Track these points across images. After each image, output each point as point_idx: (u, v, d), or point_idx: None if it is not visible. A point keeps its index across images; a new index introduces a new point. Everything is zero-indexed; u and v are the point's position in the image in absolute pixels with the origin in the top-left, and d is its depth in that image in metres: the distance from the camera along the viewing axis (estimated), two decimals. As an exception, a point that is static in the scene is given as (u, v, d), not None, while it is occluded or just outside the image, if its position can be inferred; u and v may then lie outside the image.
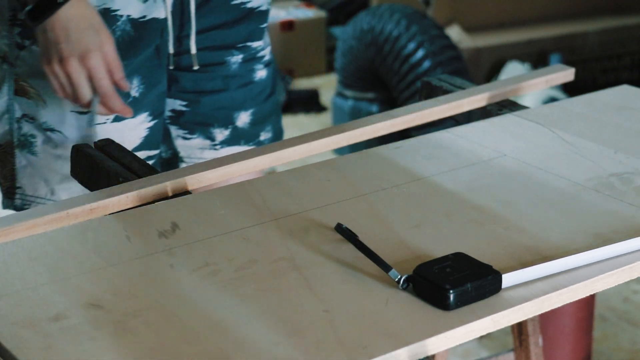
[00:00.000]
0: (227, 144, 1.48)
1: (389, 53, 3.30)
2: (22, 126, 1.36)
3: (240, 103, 1.47)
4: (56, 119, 1.34)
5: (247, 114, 1.47)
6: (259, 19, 1.44)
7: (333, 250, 0.99)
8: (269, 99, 1.51)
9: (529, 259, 0.97)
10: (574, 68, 1.51)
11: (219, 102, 1.45)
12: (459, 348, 2.39)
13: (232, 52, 1.44)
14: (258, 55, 1.47)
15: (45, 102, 1.33)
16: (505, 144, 1.25)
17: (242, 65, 1.45)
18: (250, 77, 1.47)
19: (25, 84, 1.35)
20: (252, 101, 1.48)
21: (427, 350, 0.85)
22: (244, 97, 1.47)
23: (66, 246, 0.99)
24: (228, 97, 1.45)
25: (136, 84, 1.36)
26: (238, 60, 1.44)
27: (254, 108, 1.48)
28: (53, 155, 1.35)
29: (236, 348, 0.83)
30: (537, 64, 3.80)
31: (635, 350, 2.41)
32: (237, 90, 1.46)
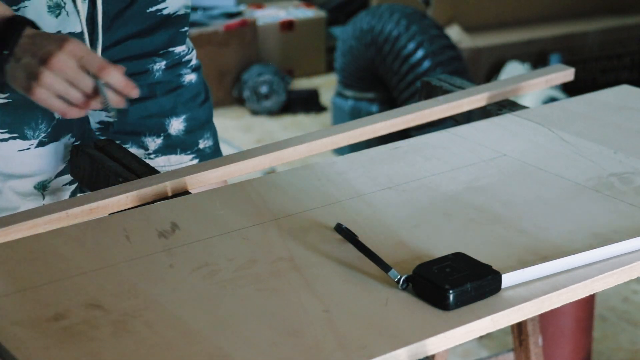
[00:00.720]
0: (162, 152, 1.42)
1: (389, 53, 3.30)
2: None
3: (170, 109, 1.42)
4: None
5: (180, 121, 1.42)
6: (178, 24, 1.40)
7: (333, 250, 0.99)
8: (204, 105, 1.46)
9: (529, 259, 0.97)
10: (574, 68, 1.51)
11: (147, 110, 1.40)
12: (459, 348, 2.39)
13: (154, 59, 1.39)
14: (183, 60, 1.43)
15: None
16: (505, 144, 1.25)
17: (167, 71, 1.41)
18: (177, 82, 1.42)
19: None
20: (184, 107, 1.43)
21: (427, 350, 0.85)
22: (174, 103, 1.42)
23: (66, 246, 0.99)
24: (156, 104, 1.41)
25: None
26: (161, 66, 1.40)
27: (187, 114, 1.43)
28: None
29: (236, 348, 0.83)
30: (537, 64, 3.80)
31: (635, 350, 2.41)
32: (165, 96, 1.41)
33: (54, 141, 1.31)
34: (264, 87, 3.93)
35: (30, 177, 1.30)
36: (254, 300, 0.90)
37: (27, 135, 1.29)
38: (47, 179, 1.32)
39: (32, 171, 1.30)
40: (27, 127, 1.28)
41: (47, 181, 1.32)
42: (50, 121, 1.29)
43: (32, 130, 1.29)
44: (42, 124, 1.29)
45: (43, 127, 1.29)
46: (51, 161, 1.32)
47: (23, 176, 1.30)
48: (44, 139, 1.30)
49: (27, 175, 1.30)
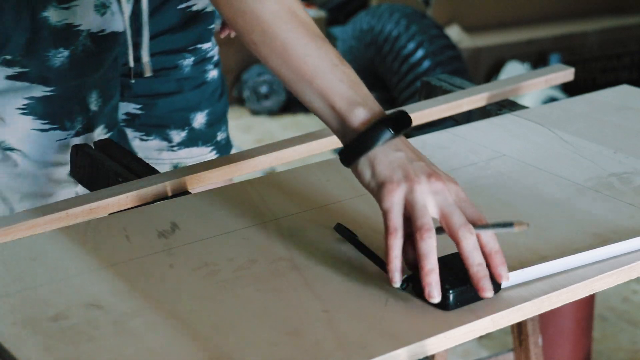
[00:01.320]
0: (185, 145, 1.47)
1: (389, 53, 3.30)
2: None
3: (196, 104, 1.46)
4: (16, 139, 1.31)
5: (203, 115, 1.47)
6: (206, 21, 1.44)
7: (333, 250, 0.99)
8: (221, 99, 1.51)
9: (529, 259, 0.97)
10: (574, 68, 1.51)
11: (174, 104, 1.45)
12: (459, 348, 2.39)
13: (183, 55, 1.43)
14: (208, 56, 1.47)
15: (4, 120, 1.30)
16: (505, 144, 1.25)
17: (194, 67, 1.45)
18: (203, 78, 1.46)
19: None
20: (207, 102, 1.48)
21: (427, 351, 0.85)
22: (199, 98, 1.47)
23: (66, 246, 0.99)
24: (183, 99, 1.45)
25: (94, 98, 1.34)
26: (190, 62, 1.44)
27: (209, 108, 1.48)
28: (12, 174, 1.33)
29: (236, 348, 0.83)
30: (536, 64, 3.80)
31: (635, 350, 2.41)
32: (192, 91, 1.46)
33: (88, 132, 1.35)
34: (264, 87, 3.93)
35: (65, 166, 1.33)
36: (254, 300, 0.90)
37: (65, 126, 1.32)
38: None
39: (67, 160, 1.33)
40: (66, 118, 1.32)
41: None
42: (86, 113, 1.33)
43: (70, 122, 1.32)
44: (80, 116, 1.33)
45: (80, 119, 1.33)
46: None
47: (59, 164, 1.33)
48: (80, 130, 1.34)
49: (62, 163, 1.33)
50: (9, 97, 1.29)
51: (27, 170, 1.32)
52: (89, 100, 1.33)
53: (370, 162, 0.94)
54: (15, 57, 1.27)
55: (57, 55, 1.27)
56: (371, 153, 0.94)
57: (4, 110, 1.30)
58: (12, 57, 1.27)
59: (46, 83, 1.29)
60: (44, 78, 1.28)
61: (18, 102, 1.29)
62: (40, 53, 1.27)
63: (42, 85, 1.29)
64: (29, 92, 1.29)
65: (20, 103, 1.29)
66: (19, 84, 1.28)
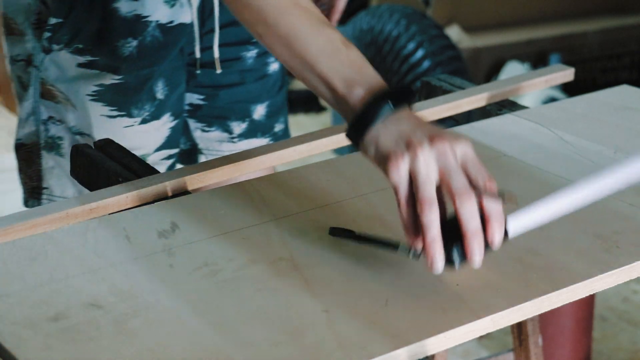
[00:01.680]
0: (245, 136, 1.51)
1: (389, 53, 3.30)
2: (49, 128, 1.38)
3: (257, 96, 1.50)
4: (85, 124, 1.35)
5: (263, 107, 1.51)
6: None
7: (333, 250, 0.99)
8: (280, 91, 1.54)
9: (529, 259, 0.97)
10: (574, 68, 1.51)
11: (236, 96, 1.48)
12: (459, 348, 2.39)
13: (247, 47, 1.47)
14: None
15: (75, 106, 1.35)
16: (505, 144, 1.25)
17: (257, 59, 1.48)
18: (264, 71, 1.50)
19: (52, 88, 1.36)
20: (267, 94, 1.51)
21: (427, 350, 0.85)
22: (260, 90, 1.50)
23: (66, 246, 0.99)
24: (244, 91, 1.48)
25: (161, 86, 1.38)
26: (253, 54, 1.48)
27: (269, 100, 1.51)
28: None
29: (236, 348, 0.83)
30: (536, 64, 3.80)
31: (635, 350, 2.41)
32: (253, 83, 1.49)
33: (155, 119, 1.39)
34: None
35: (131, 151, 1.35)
36: (254, 300, 0.90)
37: (132, 113, 1.37)
38: (146, 153, 1.41)
39: (134, 146, 1.37)
40: (133, 106, 1.36)
41: (146, 155, 1.41)
42: (153, 101, 1.38)
43: (138, 110, 1.37)
44: (147, 104, 1.37)
45: (147, 107, 1.37)
46: (151, 137, 1.40)
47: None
48: (147, 117, 1.38)
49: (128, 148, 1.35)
50: (80, 84, 1.34)
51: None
52: (156, 89, 1.38)
53: (374, 139, 0.92)
54: (87, 46, 1.32)
55: (126, 45, 1.32)
56: (373, 129, 0.93)
57: (75, 97, 1.35)
58: (83, 45, 1.32)
59: (115, 71, 1.34)
60: (113, 67, 1.33)
61: (88, 89, 1.34)
62: (109, 42, 1.32)
63: (112, 74, 1.34)
64: (98, 80, 1.34)
65: (90, 90, 1.34)
66: (90, 71, 1.33)
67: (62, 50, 1.33)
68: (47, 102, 1.37)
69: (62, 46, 1.33)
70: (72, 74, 1.34)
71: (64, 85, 1.35)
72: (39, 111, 1.38)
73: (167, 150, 1.43)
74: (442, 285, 0.92)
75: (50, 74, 1.35)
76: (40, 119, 1.38)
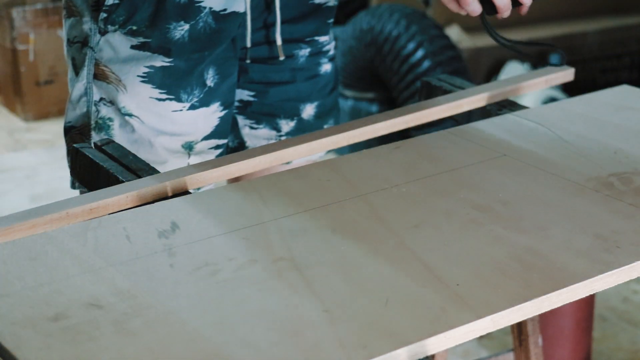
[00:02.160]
0: (292, 135, 1.51)
1: (389, 53, 3.30)
2: (100, 109, 1.40)
3: (307, 95, 1.51)
4: (135, 105, 1.38)
5: (312, 107, 1.52)
6: (326, 14, 1.50)
7: (333, 250, 0.99)
8: (332, 93, 1.56)
9: (529, 259, 0.97)
10: (574, 68, 1.51)
11: (286, 94, 1.50)
12: (459, 348, 2.40)
13: (300, 46, 1.48)
14: (324, 50, 1.52)
15: (126, 87, 1.37)
16: (505, 144, 1.25)
17: (309, 58, 1.50)
18: (316, 71, 1.51)
19: (106, 68, 1.39)
20: (318, 94, 1.52)
21: (427, 350, 0.85)
22: (310, 90, 1.51)
23: (66, 246, 0.99)
24: (295, 89, 1.50)
25: (212, 74, 1.40)
26: (305, 53, 1.49)
27: (319, 101, 1.53)
28: (129, 140, 1.40)
29: (236, 348, 0.83)
30: (536, 64, 3.80)
31: (635, 350, 2.41)
32: (304, 82, 1.50)
33: (204, 106, 1.40)
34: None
35: (179, 136, 1.40)
36: (254, 300, 0.90)
37: (181, 98, 1.38)
38: (194, 140, 1.41)
39: (182, 131, 1.39)
40: (182, 90, 1.38)
41: (193, 142, 1.41)
42: (202, 88, 1.40)
43: (187, 94, 1.39)
44: (196, 89, 1.39)
45: (196, 93, 1.39)
46: (199, 124, 1.41)
47: (173, 134, 1.40)
48: (196, 103, 1.40)
49: (176, 134, 1.40)
50: (131, 64, 1.37)
51: (143, 137, 1.39)
52: (206, 76, 1.40)
53: None
54: (140, 28, 1.35)
55: (178, 28, 1.35)
56: None
57: (127, 78, 1.37)
58: (137, 27, 1.35)
59: (166, 54, 1.36)
60: (164, 49, 1.36)
61: (139, 70, 1.37)
62: (162, 25, 1.34)
63: (163, 56, 1.36)
64: (149, 61, 1.36)
65: (141, 71, 1.37)
66: (142, 53, 1.36)
67: (116, 32, 1.37)
68: (99, 83, 1.40)
69: (116, 27, 1.36)
70: (125, 55, 1.37)
71: (117, 66, 1.38)
72: (91, 92, 1.40)
73: (216, 140, 1.44)
74: (442, 285, 0.92)
75: (104, 55, 1.39)
76: (92, 100, 1.41)
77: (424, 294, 0.91)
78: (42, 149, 3.76)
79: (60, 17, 4.00)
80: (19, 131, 3.94)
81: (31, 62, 3.98)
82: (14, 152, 3.73)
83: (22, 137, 3.88)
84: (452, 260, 0.97)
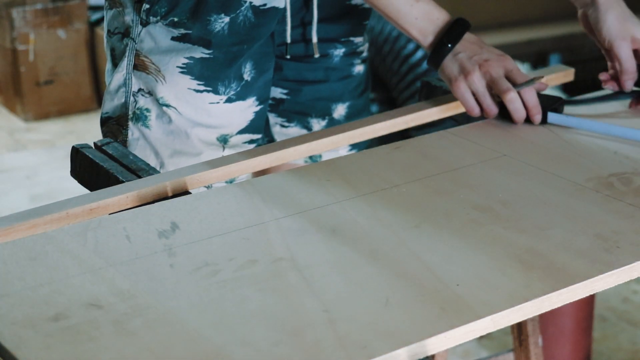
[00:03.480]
0: None
1: (389, 53, 3.30)
2: (138, 100, 1.42)
3: (339, 95, 1.52)
4: (173, 96, 1.39)
5: (344, 107, 1.53)
6: (362, 15, 1.51)
7: (333, 250, 0.99)
8: (363, 94, 1.57)
9: (529, 259, 0.97)
10: (574, 68, 1.51)
11: (318, 93, 1.50)
12: (459, 348, 2.40)
13: (335, 45, 1.49)
14: (358, 50, 1.53)
15: (165, 77, 1.39)
16: (505, 144, 1.25)
17: (343, 58, 1.51)
18: (349, 71, 1.52)
19: (146, 59, 1.40)
20: (349, 94, 1.53)
21: (427, 350, 0.85)
22: (342, 90, 1.52)
23: (66, 246, 0.99)
24: (328, 89, 1.51)
25: (249, 68, 1.41)
26: (340, 53, 1.50)
27: (350, 101, 1.53)
28: (166, 130, 1.41)
29: (236, 348, 0.83)
30: (536, 64, 3.80)
31: (635, 350, 2.41)
32: (337, 82, 1.51)
33: (240, 100, 1.42)
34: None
35: (214, 129, 1.41)
36: (254, 300, 0.90)
37: (219, 90, 1.40)
38: (229, 133, 1.43)
39: (217, 123, 1.41)
40: (220, 83, 1.40)
41: (228, 135, 1.43)
42: (240, 81, 1.41)
43: (224, 87, 1.40)
44: (234, 83, 1.41)
45: (234, 86, 1.41)
46: (235, 117, 1.42)
47: (209, 126, 1.41)
48: (232, 97, 1.41)
49: (212, 126, 1.41)
50: (171, 55, 1.39)
51: (179, 128, 1.40)
52: (244, 70, 1.41)
53: (442, 70, 1.33)
54: (182, 19, 1.37)
55: (218, 20, 1.36)
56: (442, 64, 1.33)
57: (166, 68, 1.39)
58: (179, 19, 1.37)
59: (206, 46, 1.38)
60: (204, 40, 1.38)
61: (179, 61, 1.38)
62: (203, 17, 1.36)
63: (202, 47, 1.38)
64: (189, 53, 1.38)
65: (181, 62, 1.38)
66: (182, 44, 1.38)
67: (158, 23, 1.38)
68: (138, 73, 1.41)
69: (158, 18, 1.38)
70: (166, 46, 1.39)
71: (157, 56, 1.40)
72: (130, 83, 1.42)
73: (250, 134, 1.45)
74: (442, 285, 0.92)
75: (144, 46, 1.40)
76: (131, 91, 1.42)
77: (424, 294, 0.91)
78: (42, 149, 3.76)
79: (60, 18, 4.00)
80: (19, 131, 3.94)
81: (31, 62, 3.98)
82: (14, 152, 3.73)
83: (22, 137, 3.88)
84: (452, 260, 0.97)
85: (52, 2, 3.99)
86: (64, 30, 4.01)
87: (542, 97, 1.33)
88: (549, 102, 1.32)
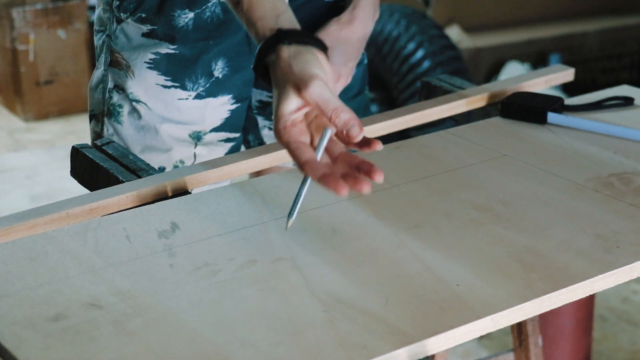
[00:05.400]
0: None
1: (389, 53, 3.30)
2: (113, 96, 1.43)
3: None
4: (142, 91, 1.40)
5: None
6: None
7: (333, 250, 0.99)
8: (355, 97, 1.54)
9: (529, 259, 0.97)
10: (574, 68, 1.51)
11: None
12: (459, 348, 2.40)
13: None
14: None
15: (134, 73, 1.39)
16: (505, 144, 1.25)
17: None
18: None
19: (119, 55, 1.42)
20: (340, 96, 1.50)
21: (427, 351, 0.85)
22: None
23: (66, 246, 0.99)
24: None
25: (221, 65, 1.41)
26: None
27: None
28: (137, 126, 1.41)
29: (236, 348, 0.83)
30: (536, 64, 3.80)
31: (635, 350, 2.41)
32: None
33: (211, 97, 1.41)
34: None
35: (185, 125, 1.41)
36: (254, 300, 0.90)
37: (187, 86, 1.40)
38: (201, 130, 1.42)
39: (188, 120, 1.40)
40: (187, 79, 1.39)
41: (201, 132, 1.42)
42: (208, 78, 1.40)
43: (192, 83, 1.40)
44: (201, 79, 1.40)
45: (202, 82, 1.40)
46: (206, 115, 1.41)
47: (179, 122, 1.41)
48: (202, 93, 1.40)
49: (183, 122, 1.41)
50: (140, 51, 1.39)
51: (149, 124, 1.40)
52: (214, 66, 1.40)
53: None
54: (149, 15, 1.37)
55: (182, 15, 1.36)
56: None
57: (135, 64, 1.40)
58: (146, 15, 1.38)
59: (171, 41, 1.38)
60: (169, 36, 1.38)
61: (146, 57, 1.39)
62: (167, 12, 1.36)
63: (168, 43, 1.38)
64: (156, 48, 1.38)
65: (148, 58, 1.39)
66: (150, 40, 1.38)
67: (129, 19, 1.39)
68: (113, 70, 1.42)
69: (128, 15, 1.39)
70: (136, 42, 1.39)
71: (128, 52, 1.40)
72: (107, 80, 1.43)
73: (226, 133, 1.44)
74: (442, 285, 0.92)
75: (118, 42, 1.41)
76: (107, 87, 1.43)
77: (424, 294, 0.91)
78: (42, 149, 3.76)
79: (60, 18, 4.00)
80: (19, 131, 3.94)
81: (31, 62, 3.98)
82: (14, 152, 3.73)
83: (22, 137, 3.88)
84: (452, 260, 0.97)
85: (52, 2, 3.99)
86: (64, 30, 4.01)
87: (542, 97, 1.32)
88: (549, 102, 1.32)
